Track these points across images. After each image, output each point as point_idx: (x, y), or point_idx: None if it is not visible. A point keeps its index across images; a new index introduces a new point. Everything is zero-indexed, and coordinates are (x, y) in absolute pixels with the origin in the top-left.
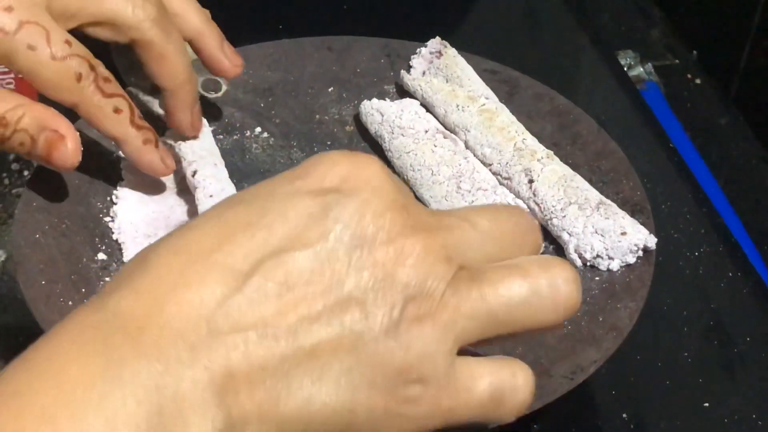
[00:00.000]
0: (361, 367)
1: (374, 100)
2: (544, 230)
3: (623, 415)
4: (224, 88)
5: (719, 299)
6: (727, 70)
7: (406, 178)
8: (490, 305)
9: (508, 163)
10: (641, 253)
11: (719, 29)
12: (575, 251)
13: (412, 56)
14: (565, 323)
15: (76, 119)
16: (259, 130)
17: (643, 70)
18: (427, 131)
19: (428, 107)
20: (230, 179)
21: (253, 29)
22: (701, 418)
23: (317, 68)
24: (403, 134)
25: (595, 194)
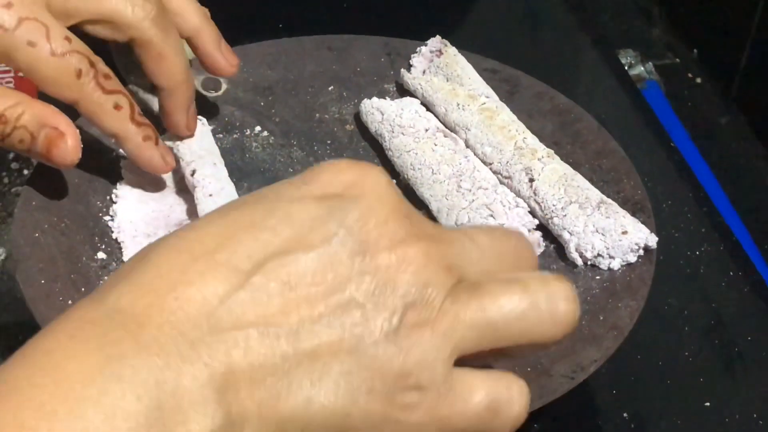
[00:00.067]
0: (360, 370)
1: (374, 98)
2: (544, 229)
3: (624, 414)
4: (224, 87)
5: (720, 298)
6: (727, 69)
7: (406, 176)
8: (488, 316)
9: (508, 162)
10: (642, 252)
11: (720, 28)
12: (576, 250)
13: (412, 55)
14: None
15: (76, 117)
16: (259, 128)
17: (643, 69)
18: (427, 130)
19: (428, 106)
20: (230, 178)
21: (253, 28)
22: (702, 417)
23: (317, 67)
24: (403, 133)
25: (595, 193)
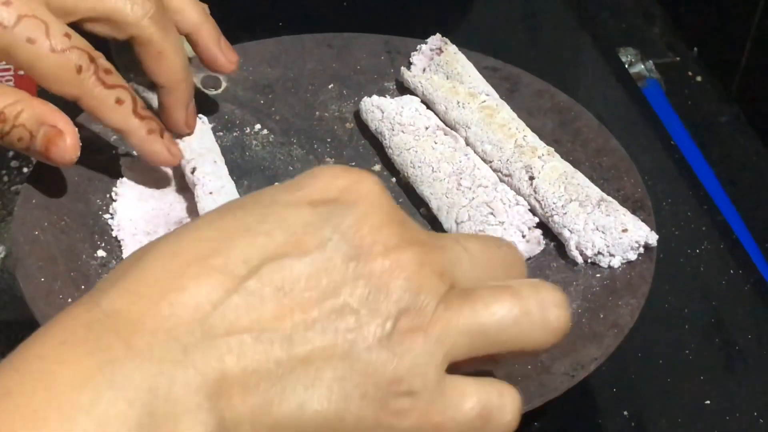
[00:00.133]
0: (353, 376)
1: (374, 96)
2: (545, 227)
3: (624, 412)
4: (224, 84)
5: (720, 296)
6: (727, 67)
7: (406, 174)
8: (481, 322)
9: (508, 160)
10: (642, 250)
11: (720, 27)
12: (576, 248)
13: (412, 53)
14: None
15: (78, 114)
16: (259, 127)
17: (644, 67)
18: (427, 128)
19: (429, 104)
20: (230, 176)
21: (253, 26)
22: (702, 415)
23: (317, 65)
24: (403, 131)
25: (596, 191)
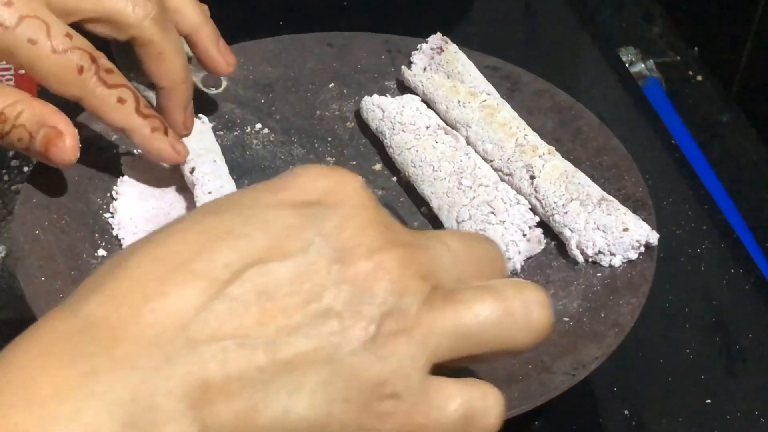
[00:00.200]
0: (337, 379)
1: (375, 96)
2: (545, 226)
3: (625, 411)
4: (224, 84)
5: (721, 296)
6: (728, 66)
7: (407, 174)
8: (464, 323)
9: (509, 159)
10: (643, 249)
11: (721, 26)
12: (577, 247)
13: (413, 52)
14: (566, 319)
15: (78, 113)
16: (259, 126)
17: (644, 66)
18: (428, 127)
19: (429, 103)
20: (230, 175)
21: (253, 25)
22: (703, 414)
23: (318, 64)
24: (404, 130)
25: (596, 190)
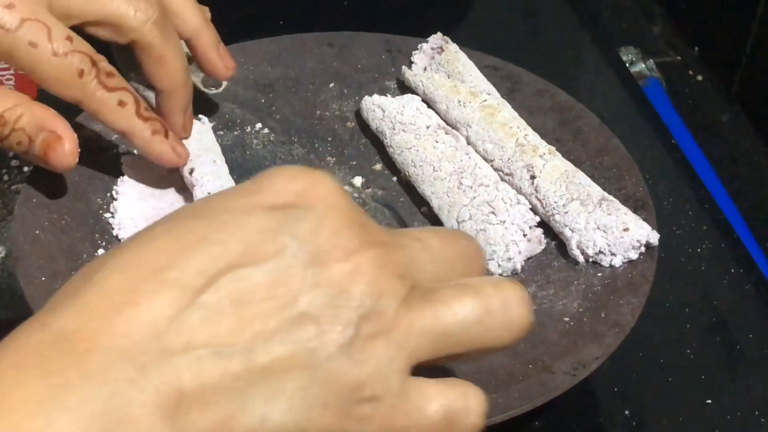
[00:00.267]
0: (314, 385)
1: (375, 95)
2: (546, 226)
3: (625, 411)
4: (224, 83)
5: (721, 296)
6: (728, 66)
7: (407, 173)
8: (443, 323)
9: (509, 159)
10: (643, 249)
11: (721, 25)
12: (577, 247)
13: (413, 52)
14: (566, 319)
15: (77, 113)
16: (259, 125)
17: (644, 66)
18: (428, 127)
19: (430, 103)
20: (231, 175)
21: (253, 25)
22: (703, 414)
23: (318, 64)
24: (404, 130)
25: (597, 190)
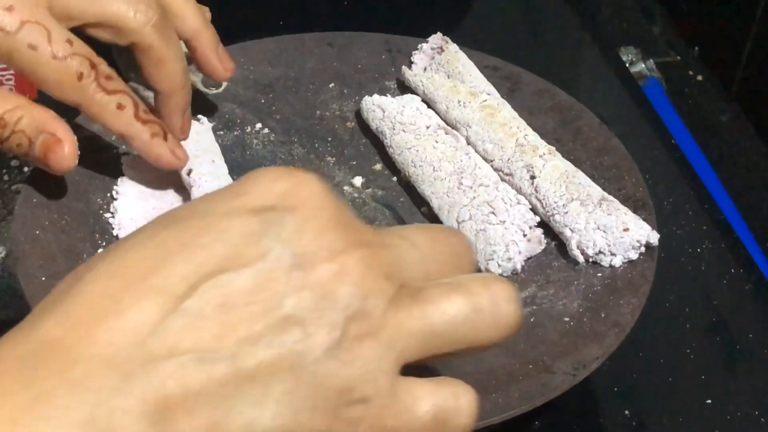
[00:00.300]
0: (302, 388)
1: (375, 95)
2: (546, 226)
3: (625, 411)
4: (224, 84)
5: (721, 296)
6: (728, 66)
7: (407, 173)
8: (432, 323)
9: (509, 159)
10: (643, 249)
11: (721, 26)
12: (577, 247)
13: (413, 52)
14: (566, 319)
15: (78, 114)
16: (259, 125)
17: (644, 66)
18: (428, 127)
19: (430, 103)
20: (231, 175)
21: (253, 25)
22: (703, 414)
23: (318, 64)
24: (404, 130)
25: (597, 190)
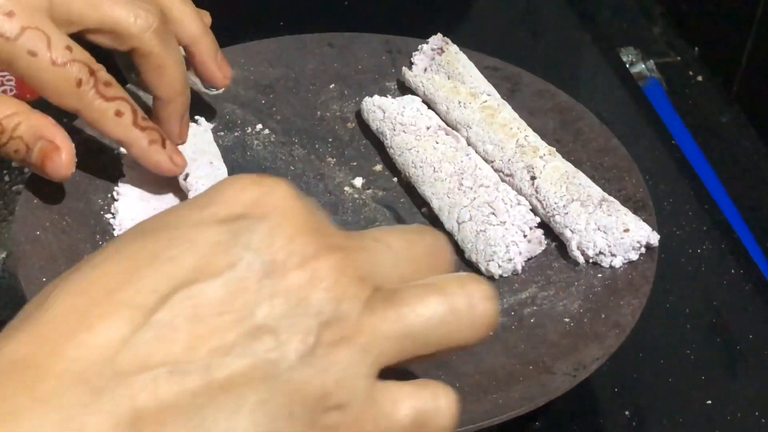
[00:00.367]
0: (277, 397)
1: (376, 96)
2: (546, 227)
3: (625, 412)
4: None
5: (721, 296)
6: (728, 66)
7: (408, 174)
8: (408, 325)
9: (510, 159)
10: (644, 250)
11: (721, 26)
12: (578, 248)
13: (413, 53)
14: (567, 320)
15: (74, 118)
16: (260, 126)
17: (644, 66)
18: (429, 128)
19: (430, 104)
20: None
21: (254, 26)
22: (703, 415)
23: (318, 65)
24: (404, 131)
25: (597, 191)
